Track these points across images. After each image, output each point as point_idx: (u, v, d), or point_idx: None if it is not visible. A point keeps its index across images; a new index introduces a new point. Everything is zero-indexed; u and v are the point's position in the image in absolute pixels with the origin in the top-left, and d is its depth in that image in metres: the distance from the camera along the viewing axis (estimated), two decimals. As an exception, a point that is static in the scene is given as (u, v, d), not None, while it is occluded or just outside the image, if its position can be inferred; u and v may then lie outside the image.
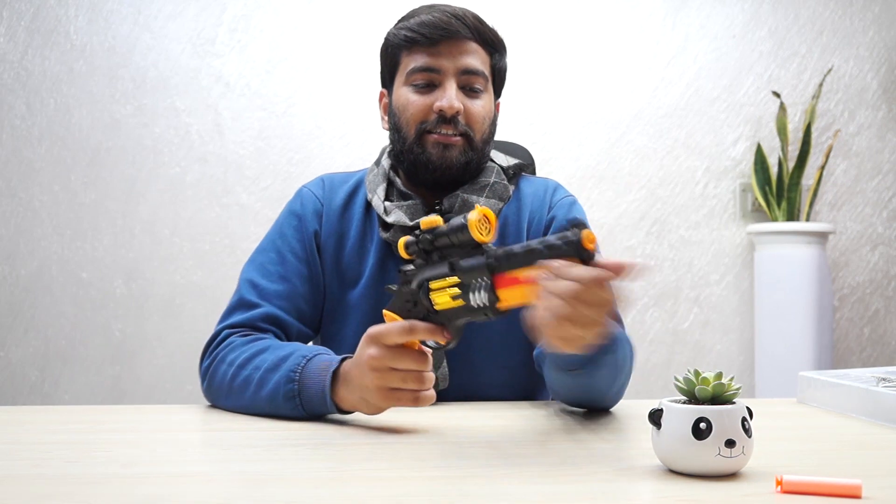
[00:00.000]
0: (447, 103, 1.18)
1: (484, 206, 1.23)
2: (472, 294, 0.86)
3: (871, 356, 2.87)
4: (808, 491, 0.68)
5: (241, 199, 2.71)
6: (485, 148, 1.25)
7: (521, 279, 0.82)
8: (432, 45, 1.20)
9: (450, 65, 1.20)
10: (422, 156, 1.21)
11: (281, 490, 0.71)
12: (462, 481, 0.74)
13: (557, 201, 1.30)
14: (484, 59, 1.23)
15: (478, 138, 1.22)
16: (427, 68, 1.20)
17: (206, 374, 1.14)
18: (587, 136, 2.81)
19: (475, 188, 1.24)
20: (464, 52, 1.21)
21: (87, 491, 0.70)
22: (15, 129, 2.69)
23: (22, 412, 1.13)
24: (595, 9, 2.82)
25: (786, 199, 2.72)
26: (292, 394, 1.01)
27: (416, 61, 1.21)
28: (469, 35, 1.21)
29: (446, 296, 0.89)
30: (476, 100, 1.22)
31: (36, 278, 2.67)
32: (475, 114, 1.22)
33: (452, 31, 1.19)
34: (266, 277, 1.22)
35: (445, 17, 1.20)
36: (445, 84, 1.20)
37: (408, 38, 1.21)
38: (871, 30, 2.88)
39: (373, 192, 1.26)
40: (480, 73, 1.22)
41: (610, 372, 1.02)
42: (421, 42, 1.20)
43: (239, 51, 2.73)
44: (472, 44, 1.22)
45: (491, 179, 1.26)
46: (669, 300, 2.82)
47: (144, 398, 2.65)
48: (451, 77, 1.20)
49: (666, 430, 0.74)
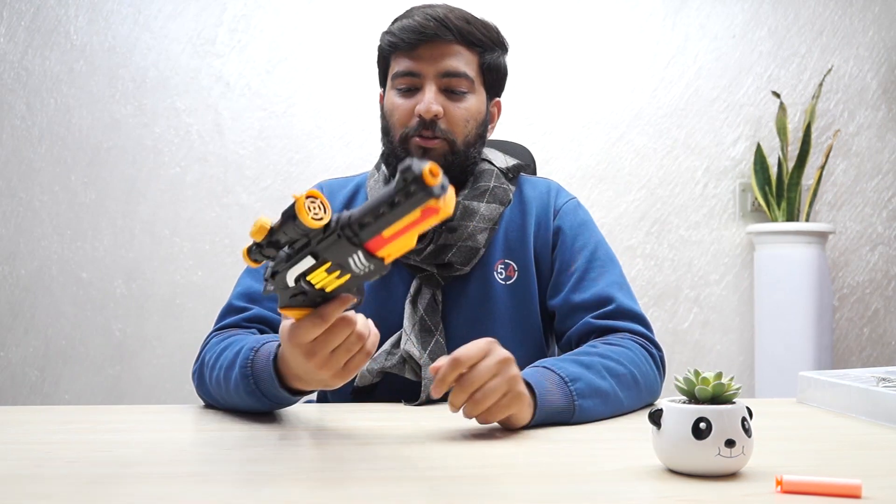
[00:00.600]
0: (424, 107, 1.18)
1: (485, 211, 1.23)
2: (353, 266, 0.80)
3: (870, 356, 2.87)
4: (808, 491, 0.68)
5: (241, 199, 2.71)
6: (469, 150, 1.23)
7: (390, 236, 0.76)
8: (412, 50, 1.20)
9: (429, 68, 1.20)
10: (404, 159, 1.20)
11: (281, 490, 0.71)
12: (462, 481, 0.74)
13: (561, 206, 1.30)
14: (469, 60, 1.22)
15: (460, 141, 1.21)
16: (408, 73, 1.21)
17: (193, 378, 1.16)
18: (587, 136, 2.81)
19: (475, 193, 1.24)
20: (444, 55, 1.20)
21: (87, 491, 0.70)
22: (15, 129, 2.69)
23: (22, 412, 1.13)
24: (595, 9, 2.82)
25: (786, 199, 2.72)
26: (249, 389, 1.00)
27: (399, 65, 1.22)
28: (450, 38, 1.20)
29: (330, 278, 0.83)
30: (459, 102, 1.21)
31: (36, 278, 2.67)
32: (456, 116, 1.21)
33: (430, 35, 1.19)
34: (259, 281, 1.23)
35: (426, 21, 1.19)
36: (425, 88, 1.20)
37: (391, 42, 1.22)
38: (871, 30, 2.88)
39: None
40: (462, 75, 1.21)
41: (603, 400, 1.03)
42: (401, 47, 1.21)
43: (239, 51, 2.73)
44: (455, 46, 1.21)
45: (491, 184, 1.26)
46: (669, 300, 2.82)
47: (144, 398, 2.65)
48: (430, 81, 1.20)
49: (666, 430, 0.74)
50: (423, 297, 1.21)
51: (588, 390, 1.01)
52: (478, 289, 1.24)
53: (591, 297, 1.21)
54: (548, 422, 0.98)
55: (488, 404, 0.90)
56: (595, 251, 1.26)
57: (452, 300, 1.23)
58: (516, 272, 1.25)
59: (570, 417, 0.99)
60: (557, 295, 1.24)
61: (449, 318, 1.23)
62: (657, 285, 2.81)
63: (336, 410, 1.14)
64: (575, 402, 0.99)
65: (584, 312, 1.20)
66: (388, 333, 1.21)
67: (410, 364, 1.18)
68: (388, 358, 1.19)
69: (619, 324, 1.18)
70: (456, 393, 0.91)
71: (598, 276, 1.23)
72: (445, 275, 1.23)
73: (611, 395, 1.04)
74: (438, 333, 1.20)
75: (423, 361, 1.17)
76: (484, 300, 1.24)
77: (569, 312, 1.22)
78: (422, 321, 1.20)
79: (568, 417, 0.99)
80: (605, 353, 1.09)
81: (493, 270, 1.25)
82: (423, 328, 1.19)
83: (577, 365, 1.04)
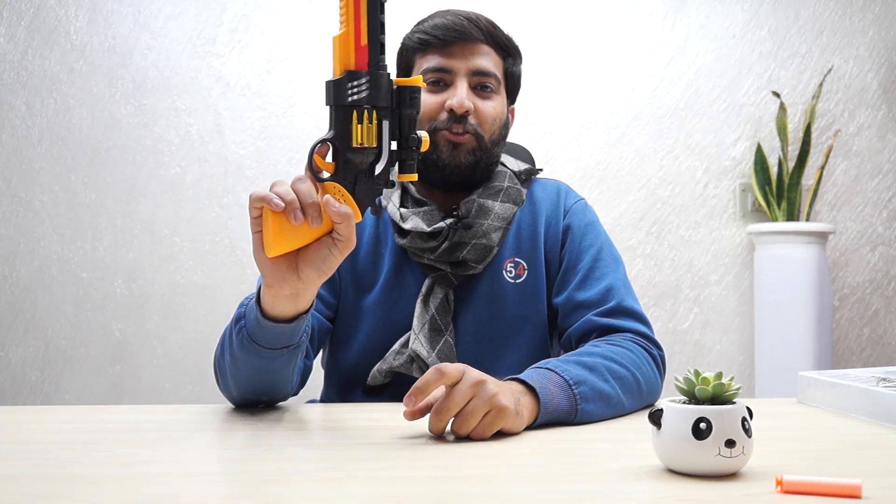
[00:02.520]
0: (457, 101, 1.20)
1: (500, 210, 1.25)
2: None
3: (870, 356, 2.87)
4: (808, 491, 0.68)
5: (241, 199, 2.71)
6: (494, 149, 1.26)
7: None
8: (445, 47, 1.22)
9: (462, 65, 1.22)
10: (432, 154, 1.22)
11: (281, 490, 0.71)
12: (462, 481, 0.74)
13: (571, 206, 1.32)
14: (496, 62, 1.26)
15: (487, 138, 1.24)
16: (439, 68, 1.23)
17: (215, 369, 1.13)
18: (587, 136, 2.81)
19: (490, 192, 1.26)
20: (476, 54, 1.23)
21: (87, 491, 0.70)
22: (15, 129, 2.69)
23: (22, 412, 1.13)
24: (595, 9, 2.82)
25: (786, 199, 2.72)
26: (242, 337, 1.00)
27: (429, 62, 1.23)
28: (481, 38, 1.23)
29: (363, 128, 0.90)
30: (487, 100, 1.24)
31: (36, 278, 2.67)
32: (486, 113, 1.23)
33: (465, 33, 1.22)
34: None
35: (458, 20, 1.22)
36: (457, 83, 1.22)
37: (422, 40, 1.24)
38: (871, 30, 2.88)
39: (388, 200, 1.27)
40: (492, 74, 1.24)
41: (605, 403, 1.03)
42: (434, 44, 1.23)
43: (239, 51, 2.73)
44: (485, 46, 1.24)
45: (505, 184, 1.28)
46: (669, 300, 2.82)
47: (144, 398, 2.65)
48: (462, 77, 1.22)
49: (666, 430, 0.74)
50: (436, 296, 1.22)
51: (591, 394, 1.01)
52: (488, 288, 1.25)
53: (594, 296, 1.22)
54: (549, 423, 0.98)
55: (473, 425, 0.90)
56: (601, 251, 1.27)
57: (463, 300, 1.24)
58: (526, 271, 1.26)
59: (572, 420, 0.99)
60: (562, 292, 1.25)
61: (459, 318, 1.23)
62: (657, 285, 2.81)
63: (337, 410, 1.14)
64: (578, 405, 0.99)
65: (586, 310, 1.21)
66: (399, 334, 1.22)
67: (418, 363, 1.19)
68: (396, 357, 1.20)
69: (620, 322, 1.19)
70: (433, 420, 0.91)
71: (602, 276, 1.24)
72: (458, 273, 1.23)
73: (613, 398, 1.04)
74: (448, 334, 1.20)
75: (431, 361, 1.17)
76: (493, 299, 1.24)
77: (572, 309, 1.23)
78: (432, 321, 1.20)
79: (570, 420, 0.99)
80: (608, 355, 1.09)
81: (503, 269, 1.26)
82: (433, 328, 1.20)
83: (581, 367, 1.04)
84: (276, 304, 0.96)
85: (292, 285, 0.94)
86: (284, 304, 0.96)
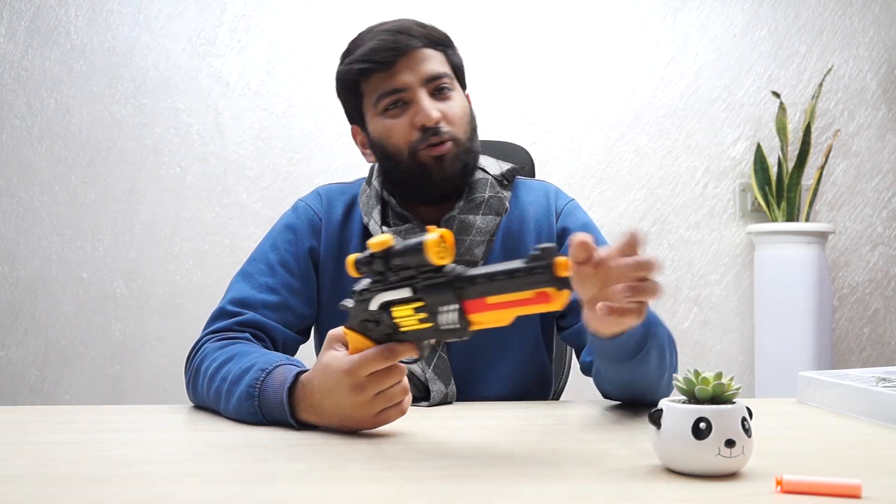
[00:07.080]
0: (425, 116, 1.17)
1: (481, 224, 1.22)
2: (440, 317, 0.81)
3: (870, 356, 2.87)
4: (808, 491, 0.68)
5: (241, 199, 2.71)
6: (473, 144, 1.23)
7: (492, 304, 0.77)
8: (389, 68, 1.18)
9: (413, 78, 1.18)
10: (421, 175, 1.19)
11: (281, 490, 0.71)
12: (462, 481, 0.74)
13: (563, 207, 1.29)
14: (441, 60, 1.22)
15: (464, 137, 1.21)
16: (393, 90, 1.19)
17: (188, 384, 1.13)
18: (587, 136, 2.81)
19: (471, 206, 1.23)
20: (421, 61, 1.19)
21: (87, 491, 0.70)
22: (15, 129, 2.69)
23: (22, 412, 1.13)
24: (595, 9, 2.81)
25: (785, 199, 2.72)
26: (253, 409, 0.98)
27: (380, 87, 1.19)
28: (420, 44, 1.19)
29: (412, 319, 0.85)
30: (450, 101, 1.21)
31: (36, 278, 2.67)
32: (454, 114, 1.20)
33: (404, 47, 1.18)
34: (255, 287, 1.21)
35: (392, 37, 1.18)
36: (416, 97, 1.18)
37: (361, 69, 1.20)
38: (871, 30, 2.88)
39: (368, 216, 1.24)
40: (444, 74, 1.21)
41: (659, 354, 1.02)
42: (377, 68, 1.19)
43: (239, 51, 2.73)
44: (426, 50, 1.20)
45: (486, 194, 1.24)
46: (669, 300, 2.82)
47: (144, 398, 2.65)
48: (418, 89, 1.18)
49: (666, 430, 0.74)
50: None
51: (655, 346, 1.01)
52: None
53: None
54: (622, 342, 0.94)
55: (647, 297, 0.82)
56: None
57: None
58: None
59: (634, 354, 0.98)
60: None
61: None
62: (657, 285, 2.81)
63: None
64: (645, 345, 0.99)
65: None
66: None
67: (413, 381, 1.16)
68: None
69: None
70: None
71: None
72: None
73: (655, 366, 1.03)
74: (441, 350, 1.19)
75: (429, 376, 1.16)
76: None
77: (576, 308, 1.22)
78: None
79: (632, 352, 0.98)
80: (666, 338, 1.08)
81: None
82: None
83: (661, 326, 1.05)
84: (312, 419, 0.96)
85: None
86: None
